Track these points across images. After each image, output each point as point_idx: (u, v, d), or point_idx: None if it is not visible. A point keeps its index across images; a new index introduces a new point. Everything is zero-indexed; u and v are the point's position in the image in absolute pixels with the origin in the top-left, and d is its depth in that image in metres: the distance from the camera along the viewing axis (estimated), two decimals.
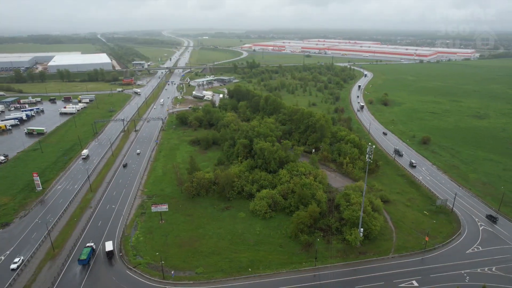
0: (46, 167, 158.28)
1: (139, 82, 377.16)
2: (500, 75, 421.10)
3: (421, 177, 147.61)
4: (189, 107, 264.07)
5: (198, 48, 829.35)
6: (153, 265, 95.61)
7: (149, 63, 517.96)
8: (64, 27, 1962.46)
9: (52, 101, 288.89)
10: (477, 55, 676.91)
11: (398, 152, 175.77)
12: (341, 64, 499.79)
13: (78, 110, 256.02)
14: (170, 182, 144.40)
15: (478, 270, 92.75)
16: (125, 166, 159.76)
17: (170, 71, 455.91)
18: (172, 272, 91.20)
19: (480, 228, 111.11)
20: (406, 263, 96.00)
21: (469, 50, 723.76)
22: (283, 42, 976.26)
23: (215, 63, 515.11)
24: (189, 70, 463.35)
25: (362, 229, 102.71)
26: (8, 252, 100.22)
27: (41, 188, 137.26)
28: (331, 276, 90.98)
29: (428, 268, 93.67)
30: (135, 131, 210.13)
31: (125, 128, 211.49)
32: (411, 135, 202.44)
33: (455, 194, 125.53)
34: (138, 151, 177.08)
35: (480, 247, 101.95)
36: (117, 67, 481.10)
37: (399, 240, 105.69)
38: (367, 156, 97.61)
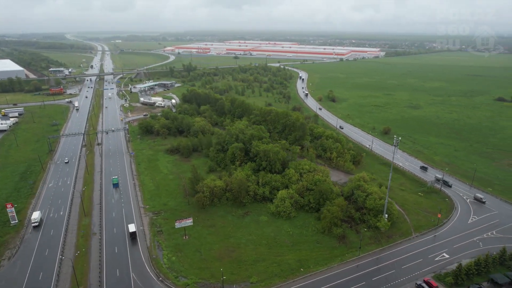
0: (7, 195, 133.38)
1: (69, 91, 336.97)
2: (410, 71, 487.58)
3: (407, 163, 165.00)
4: (145, 115, 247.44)
5: (118, 52, 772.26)
6: (203, 284, 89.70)
7: (69, 70, 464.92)
8: None
9: None
10: (383, 53, 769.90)
11: (446, 183, 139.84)
12: (275, 65, 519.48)
13: (10, 126, 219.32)
14: (169, 195, 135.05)
15: (484, 235, 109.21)
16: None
17: (100, 77, 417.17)
18: (234, 286, 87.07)
19: (467, 201, 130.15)
20: (429, 239, 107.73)
21: (375, 49, 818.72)
22: (206, 44, 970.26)
23: (146, 67, 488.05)
24: (121, 75, 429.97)
25: (386, 215, 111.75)
26: None
27: (17, 221, 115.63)
28: (377, 262, 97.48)
29: (448, 240, 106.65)
30: (98, 144, 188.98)
31: (85, 143, 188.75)
32: (370, 127, 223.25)
33: (443, 175, 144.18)
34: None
35: (476, 217, 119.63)
36: (31, 75, 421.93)
37: (412, 221, 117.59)
38: (394, 148, 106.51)
